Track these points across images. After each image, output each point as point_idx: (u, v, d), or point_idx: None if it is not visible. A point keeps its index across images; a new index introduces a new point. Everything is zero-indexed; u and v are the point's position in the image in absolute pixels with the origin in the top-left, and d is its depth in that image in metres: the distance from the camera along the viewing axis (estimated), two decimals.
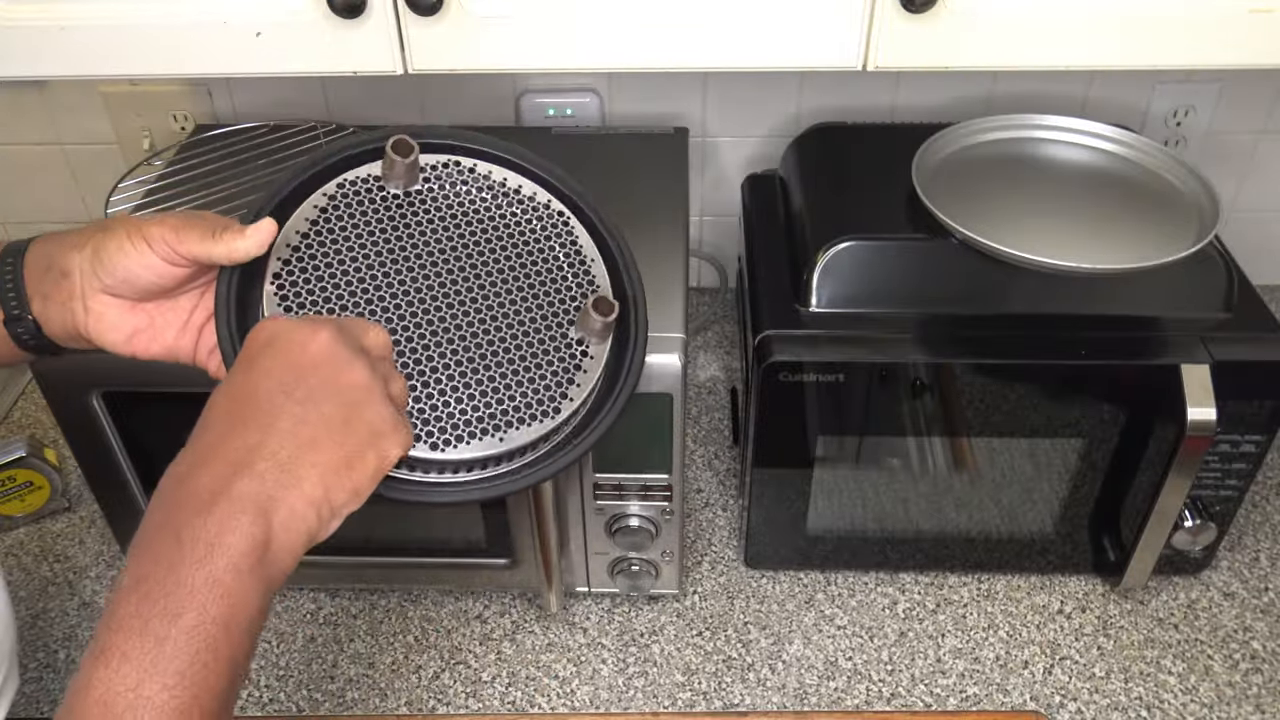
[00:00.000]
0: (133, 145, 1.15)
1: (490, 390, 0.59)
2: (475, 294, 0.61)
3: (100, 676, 0.42)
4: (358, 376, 0.50)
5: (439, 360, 0.59)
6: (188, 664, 0.43)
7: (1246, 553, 0.95)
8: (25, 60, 0.72)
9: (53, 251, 0.59)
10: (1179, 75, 1.09)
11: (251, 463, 0.46)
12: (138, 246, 0.56)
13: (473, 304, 0.61)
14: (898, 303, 0.81)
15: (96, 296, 0.58)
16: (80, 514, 1.02)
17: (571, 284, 0.63)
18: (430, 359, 0.59)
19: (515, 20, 0.70)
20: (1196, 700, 0.83)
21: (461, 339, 0.60)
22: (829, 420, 0.82)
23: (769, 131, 1.14)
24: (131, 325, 0.59)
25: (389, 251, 0.61)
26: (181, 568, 0.43)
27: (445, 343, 0.59)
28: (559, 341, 0.61)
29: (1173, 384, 0.77)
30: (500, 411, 0.58)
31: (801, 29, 0.70)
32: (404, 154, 0.61)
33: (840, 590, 0.93)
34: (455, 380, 0.59)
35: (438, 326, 0.60)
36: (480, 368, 0.59)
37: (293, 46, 0.71)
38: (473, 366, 0.59)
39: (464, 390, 0.58)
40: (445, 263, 0.61)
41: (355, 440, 0.49)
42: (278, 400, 0.48)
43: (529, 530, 0.82)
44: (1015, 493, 0.86)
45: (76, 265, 0.57)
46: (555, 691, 0.85)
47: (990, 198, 0.83)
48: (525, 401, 0.59)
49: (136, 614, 0.43)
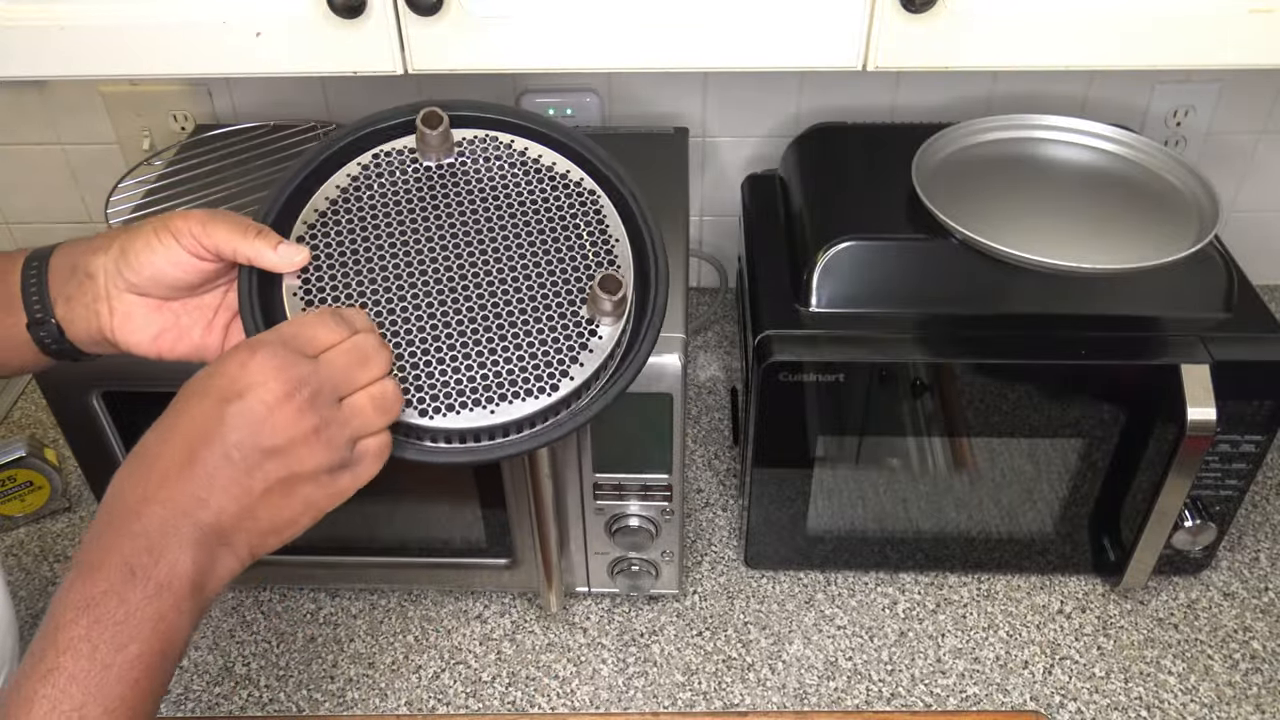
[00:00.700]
0: (133, 145, 1.15)
1: (490, 362, 0.58)
2: (493, 267, 0.61)
3: (45, 694, 0.44)
4: (307, 453, 0.51)
5: (442, 329, 0.58)
6: (129, 689, 0.46)
7: (1246, 553, 0.95)
8: (25, 60, 0.72)
9: (77, 255, 0.59)
10: (1179, 75, 1.09)
11: (198, 514, 0.49)
12: (165, 242, 0.57)
13: (487, 277, 0.60)
14: (898, 303, 0.81)
15: (122, 297, 0.58)
16: (80, 514, 1.02)
17: (591, 263, 0.62)
18: (434, 328, 0.59)
19: (515, 20, 0.70)
20: (1196, 700, 0.83)
21: (470, 310, 0.59)
22: (829, 420, 0.82)
23: (769, 131, 1.14)
24: (158, 325, 0.59)
25: (411, 224, 0.61)
26: (131, 601, 0.46)
27: (452, 314, 0.59)
28: (569, 320, 0.60)
29: (1173, 384, 0.77)
30: (496, 384, 0.58)
31: (801, 29, 0.70)
32: (433, 125, 0.61)
33: (840, 590, 0.93)
34: (456, 350, 0.58)
35: (447, 298, 0.59)
36: (484, 339, 0.59)
37: (293, 46, 0.71)
38: (475, 338, 0.59)
39: (462, 361, 0.58)
40: (467, 235, 0.61)
41: (291, 512, 0.51)
42: (229, 460, 0.49)
43: (529, 530, 0.82)
44: (1015, 493, 0.86)
45: (101, 266, 0.58)
46: (555, 691, 0.85)
47: (990, 198, 0.83)
48: (524, 376, 0.58)
49: (86, 638, 0.45)
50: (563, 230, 0.62)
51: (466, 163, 0.64)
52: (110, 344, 0.60)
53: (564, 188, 0.64)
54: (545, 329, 0.60)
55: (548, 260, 0.61)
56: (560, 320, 0.60)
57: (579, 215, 0.63)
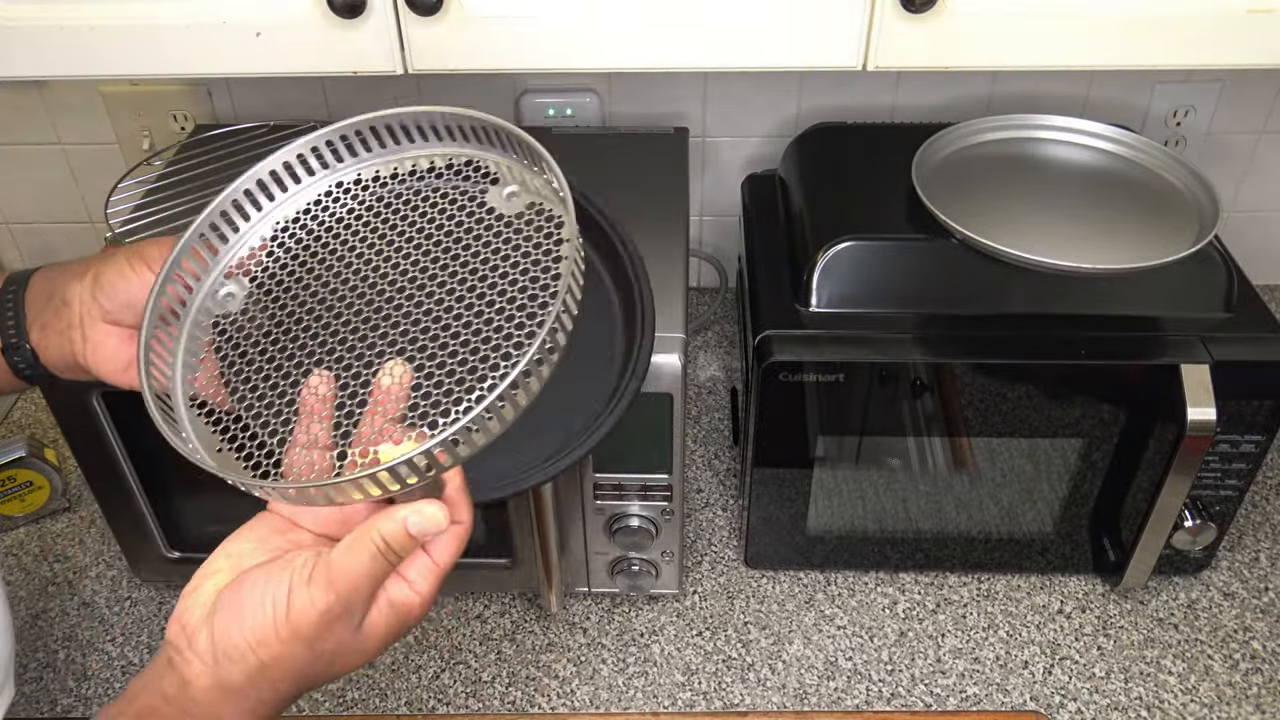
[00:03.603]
0: (133, 145, 1.15)
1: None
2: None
3: None
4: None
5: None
6: None
7: (1246, 553, 0.95)
8: (25, 60, 0.72)
9: (55, 280, 0.59)
10: (1179, 75, 1.09)
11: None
12: (138, 270, 0.56)
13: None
14: (898, 303, 0.81)
15: (96, 325, 0.58)
16: (80, 514, 1.02)
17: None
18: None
19: (515, 20, 0.70)
20: (1196, 700, 0.83)
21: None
22: (829, 420, 0.82)
23: (769, 131, 1.14)
24: (128, 355, 0.58)
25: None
26: None
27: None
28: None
29: (1173, 384, 0.77)
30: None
31: (801, 29, 0.70)
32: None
33: (840, 590, 0.93)
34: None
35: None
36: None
37: (293, 46, 0.71)
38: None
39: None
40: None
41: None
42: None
43: (529, 530, 0.82)
44: (1015, 493, 0.86)
45: (77, 294, 0.58)
46: (555, 691, 0.85)
47: (990, 198, 0.83)
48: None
49: None
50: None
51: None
52: (84, 370, 0.59)
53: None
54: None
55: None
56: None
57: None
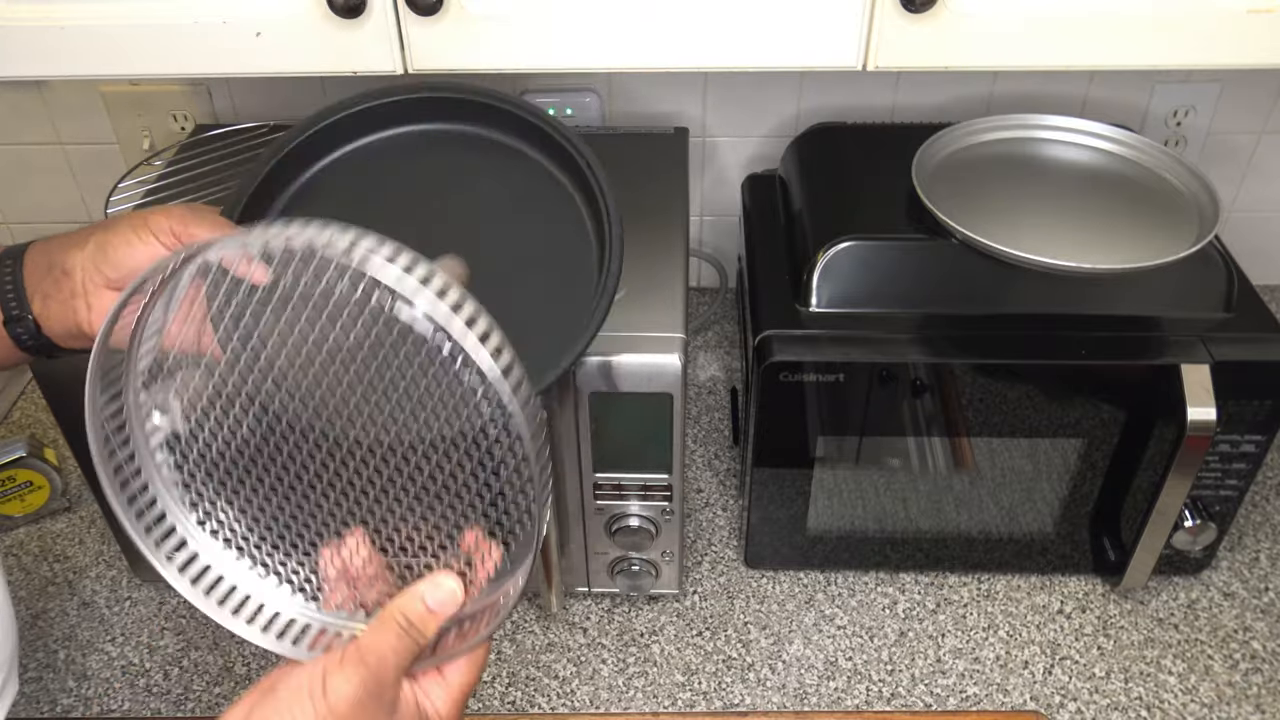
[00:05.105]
0: (133, 145, 1.15)
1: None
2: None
3: None
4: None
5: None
6: None
7: (1246, 553, 0.95)
8: (25, 60, 0.72)
9: (53, 251, 0.59)
10: (1179, 75, 1.09)
11: None
12: (143, 238, 0.57)
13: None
14: (898, 303, 0.81)
15: (99, 293, 0.58)
16: (80, 514, 1.02)
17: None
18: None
19: (515, 20, 0.70)
20: (1196, 700, 0.83)
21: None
22: (829, 420, 0.82)
23: (769, 131, 1.14)
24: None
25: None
26: None
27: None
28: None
29: (1173, 384, 0.77)
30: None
31: (801, 29, 0.70)
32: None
33: (840, 590, 0.93)
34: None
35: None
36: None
37: (293, 46, 0.71)
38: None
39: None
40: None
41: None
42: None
43: None
44: (1015, 493, 0.86)
45: (78, 263, 0.58)
46: (555, 691, 0.85)
47: (990, 198, 0.83)
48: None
49: None
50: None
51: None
52: (87, 339, 0.60)
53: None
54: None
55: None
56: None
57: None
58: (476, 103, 0.68)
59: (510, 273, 0.68)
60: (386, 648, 0.49)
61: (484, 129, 0.71)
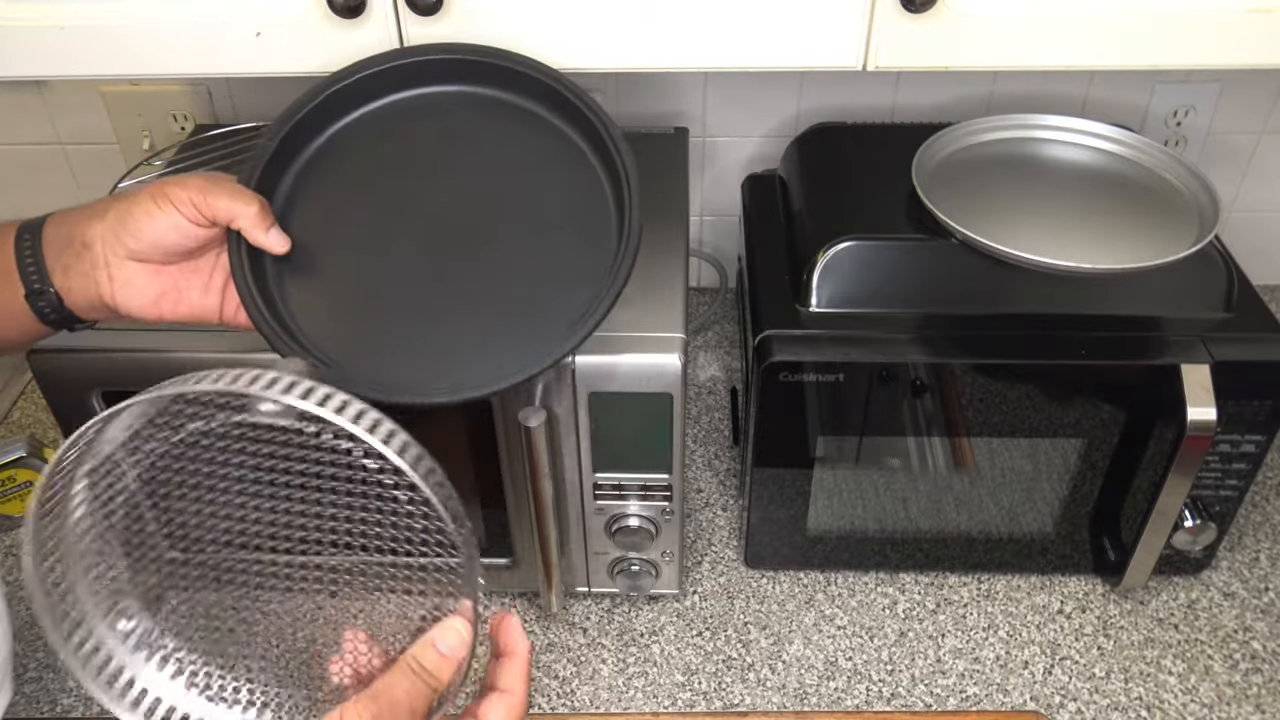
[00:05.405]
0: (133, 145, 1.15)
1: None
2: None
3: None
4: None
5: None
6: None
7: (1246, 553, 0.95)
8: (25, 60, 0.72)
9: (71, 224, 0.60)
10: (1179, 75, 1.09)
11: None
12: (164, 209, 0.59)
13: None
14: (898, 303, 0.81)
15: (122, 264, 0.59)
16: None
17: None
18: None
19: (514, 20, 0.70)
20: (1196, 700, 0.83)
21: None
22: (829, 420, 0.82)
23: (769, 131, 1.14)
24: (157, 289, 0.61)
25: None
26: None
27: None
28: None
29: (1173, 384, 0.77)
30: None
31: (801, 29, 0.70)
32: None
33: (840, 590, 0.93)
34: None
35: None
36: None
37: (293, 46, 0.71)
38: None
39: None
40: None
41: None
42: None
43: (529, 530, 0.82)
44: (1015, 493, 0.86)
45: (99, 235, 0.59)
46: (555, 691, 0.85)
47: (990, 198, 0.83)
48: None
49: None
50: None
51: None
52: (110, 310, 0.61)
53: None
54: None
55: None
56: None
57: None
58: (489, 64, 0.69)
59: (529, 232, 0.69)
60: (399, 690, 0.51)
61: (498, 91, 0.71)
